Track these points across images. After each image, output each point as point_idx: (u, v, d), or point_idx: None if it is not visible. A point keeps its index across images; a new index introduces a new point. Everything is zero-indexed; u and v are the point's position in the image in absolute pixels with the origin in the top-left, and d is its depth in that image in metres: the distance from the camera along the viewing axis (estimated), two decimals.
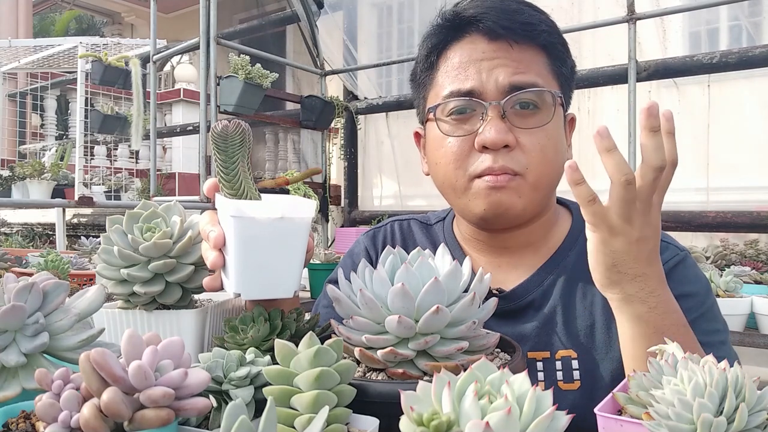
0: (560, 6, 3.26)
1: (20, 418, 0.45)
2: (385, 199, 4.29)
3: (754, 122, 3.01)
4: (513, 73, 0.81)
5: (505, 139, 0.79)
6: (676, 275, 0.83)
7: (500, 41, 0.82)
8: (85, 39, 4.80)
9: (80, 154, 4.81)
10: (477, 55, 0.83)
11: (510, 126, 0.80)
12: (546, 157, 0.81)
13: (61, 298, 0.56)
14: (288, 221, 0.59)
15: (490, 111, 0.80)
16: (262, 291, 0.61)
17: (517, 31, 0.82)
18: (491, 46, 0.83)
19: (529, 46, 0.83)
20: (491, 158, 0.80)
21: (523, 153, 0.80)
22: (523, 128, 0.81)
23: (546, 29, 0.84)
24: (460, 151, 0.83)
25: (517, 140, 0.80)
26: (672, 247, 0.87)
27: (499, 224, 0.86)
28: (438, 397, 0.38)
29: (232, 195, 0.62)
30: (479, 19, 0.83)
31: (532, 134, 0.81)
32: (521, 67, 0.81)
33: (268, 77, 3.15)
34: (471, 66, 0.83)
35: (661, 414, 0.40)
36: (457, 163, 0.83)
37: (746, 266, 2.30)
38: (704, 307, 0.81)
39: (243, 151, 0.62)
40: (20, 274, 0.69)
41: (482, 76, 0.82)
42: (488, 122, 0.80)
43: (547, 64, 0.84)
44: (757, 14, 3.15)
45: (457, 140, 0.83)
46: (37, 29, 10.17)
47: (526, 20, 0.82)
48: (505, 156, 0.80)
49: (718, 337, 0.80)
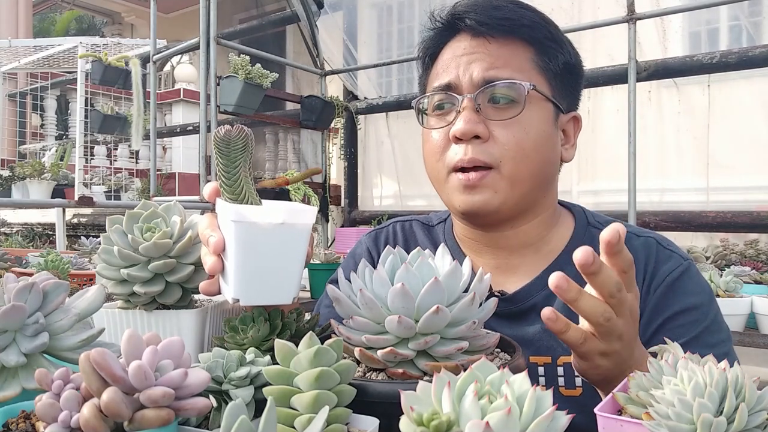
0: (560, 6, 3.26)
1: (20, 418, 0.45)
2: (385, 199, 4.29)
3: (754, 122, 3.01)
4: (488, 68, 0.82)
5: (474, 129, 0.80)
6: (680, 287, 0.83)
7: (480, 38, 0.84)
8: (85, 39, 4.80)
9: (80, 154, 4.81)
10: (459, 51, 0.85)
11: (484, 119, 0.82)
12: (522, 151, 0.81)
13: (61, 298, 0.56)
14: (289, 227, 0.59)
15: (463, 103, 0.82)
16: (261, 297, 0.60)
17: (495, 27, 0.83)
18: (472, 42, 0.85)
19: (509, 41, 0.84)
20: (462, 149, 0.81)
21: (496, 145, 0.81)
22: (497, 120, 0.81)
23: (528, 24, 0.84)
24: (439, 143, 0.85)
25: (491, 133, 0.81)
26: (676, 256, 0.86)
27: (481, 221, 0.86)
28: (438, 397, 0.38)
29: (233, 199, 0.62)
30: (462, 17, 0.85)
31: (507, 127, 0.81)
32: (498, 62, 0.83)
33: (268, 77, 3.15)
34: (452, 62, 0.85)
35: (661, 414, 0.40)
36: (437, 156, 0.85)
37: (746, 266, 2.30)
38: (708, 318, 0.81)
39: (245, 156, 0.62)
40: (20, 274, 0.69)
41: (459, 71, 0.84)
42: (460, 114, 0.82)
43: (530, 59, 0.84)
44: (757, 14, 3.15)
45: (437, 132, 0.86)
46: (37, 29, 10.16)
47: (504, 15, 0.83)
48: (476, 147, 0.81)
49: (722, 348, 0.80)
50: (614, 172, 3.05)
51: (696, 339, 0.78)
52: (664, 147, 3.21)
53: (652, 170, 3.18)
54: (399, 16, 4.49)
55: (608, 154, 3.22)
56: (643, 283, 0.84)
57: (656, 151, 3.21)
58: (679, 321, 0.81)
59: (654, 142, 3.20)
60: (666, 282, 0.83)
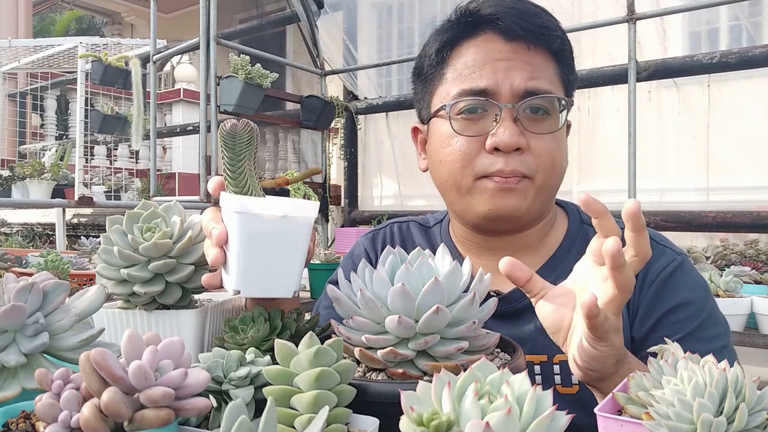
0: (560, 6, 3.26)
1: (20, 418, 0.45)
2: (385, 199, 4.29)
3: (754, 122, 3.01)
4: (529, 78, 0.81)
5: (518, 142, 0.79)
6: (674, 282, 0.83)
7: (517, 43, 0.82)
8: (85, 39, 4.80)
9: (80, 154, 4.81)
10: (493, 54, 0.82)
11: (522, 129, 0.80)
12: (554, 163, 0.82)
13: (61, 298, 0.56)
14: (291, 220, 0.60)
15: (504, 113, 0.80)
16: (262, 289, 0.61)
17: (536, 34, 0.82)
18: (508, 46, 0.82)
19: (543, 50, 0.83)
20: (503, 161, 0.80)
21: (533, 157, 0.81)
22: (535, 133, 0.81)
23: (560, 36, 0.84)
24: (469, 150, 0.82)
25: (528, 144, 0.81)
26: (669, 251, 0.86)
27: (500, 226, 0.86)
28: (438, 397, 0.38)
29: (237, 192, 0.63)
30: (498, 17, 0.82)
31: (542, 139, 0.81)
32: (536, 72, 0.82)
33: (268, 77, 3.15)
34: (486, 65, 0.82)
35: (661, 414, 0.40)
36: (464, 162, 0.82)
37: (746, 266, 2.30)
38: (704, 313, 0.81)
39: (250, 149, 0.62)
40: (20, 274, 0.69)
41: (498, 77, 0.81)
42: (501, 124, 0.80)
43: (556, 70, 0.85)
44: (757, 14, 3.15)
45: (467, 139, 0.82)
46: (37, 29, 10.16)
47: (544, 24, 0.83)
48: (516, 159, 0.80)
49: (719, 342, 0.80)
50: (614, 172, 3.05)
51: (692, 334, 0.78)
52: (664, 147, 3.21)
53: (652, 170, 3.18)
54: (399, 16, 4.49)
55: (608, 154, 3.22)
56: (636, 278, 0.84)
57: (656, 151, 3.21)
58: (674, 317, 0.81)
59: (654, 142, 3.19)
60: (660, 277, 0.83)
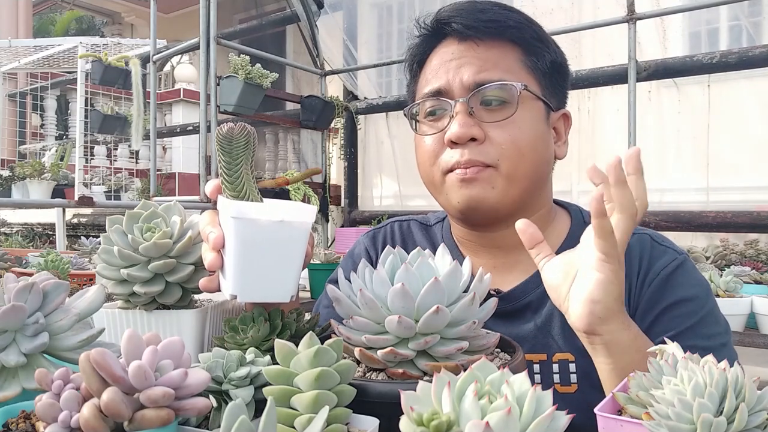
0: (560, 6, 3.26)
1: (20, 418, 0.45)
2: (385, 199, 4.29)
3: (754, 122, 3.01)
4: (477, 71, 0.83)
5: (469, 132, 0.81)
6: (675, 280, 0.83)
7: (468, 41, 0.85)
8: (85, 39, 4.79)
9: (80, 154, 4.80)
10: (447, 56, 0.86)
11: (478, 122, 0.82)
12: (519, 149, 0.82)
13: (61, 298, 0.56)
14: (288, 225, 0.60)
15: (458, 107, 0.83)
16: (259, 294, 0.61)
17: (482, 30, 0.84)
18: (460, 46, 0.85)
19: (496, 43, 0.84)
20: (459, 152, 0.82)
21: (493, 146, 0.82)
22: (491, 122, 0.82)
23: (514, 25, 0.85)
24: (433, 148, 0.86)
25: (486, 134, 0.82)
26: (670, 251, 0.86)
27: (479, 218, 0.86)
28: (438, 397, 0.38)
29: (234, 196, 0.62)
30: (449, 22, 0.86)
31: (502, 127, 0.82)
32: (487, 64, 0.83)
33: (268, 77, 3.15)
34: (441, 68, 0.86)
35: (661, 414, 0.40)
36: (432, 160, 0.86)
37: (746, 266, 2.30)
38: (704, 310, 0.81)
39: (247, 153, 0.62)
40: (20, 274, 0.69)
41: (449, 76, 0.84)
42: (455, 118, 0.82)
43: (519, 59, 0.85)
44: (757, 14, 3.15)
45: (431, 138, 0.86)
46: (37, 29, 10.16)
47: (490, 18, 0.84)
48: (473, 150, 0.81)
49: (718, 340, 0.80)
50: None
51: (691, 329, 0.79)
52: (664, 147, 3.21)
53: (652, 170, 3.18)
54: (399, 16, 4.49)
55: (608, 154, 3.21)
56: (637, 278, 0.84)
57: (656, 151, 3.21)
58: (674, 312, 0.81)
59: (654, 142, 3.19)
60: (661, 276, 0.83)
